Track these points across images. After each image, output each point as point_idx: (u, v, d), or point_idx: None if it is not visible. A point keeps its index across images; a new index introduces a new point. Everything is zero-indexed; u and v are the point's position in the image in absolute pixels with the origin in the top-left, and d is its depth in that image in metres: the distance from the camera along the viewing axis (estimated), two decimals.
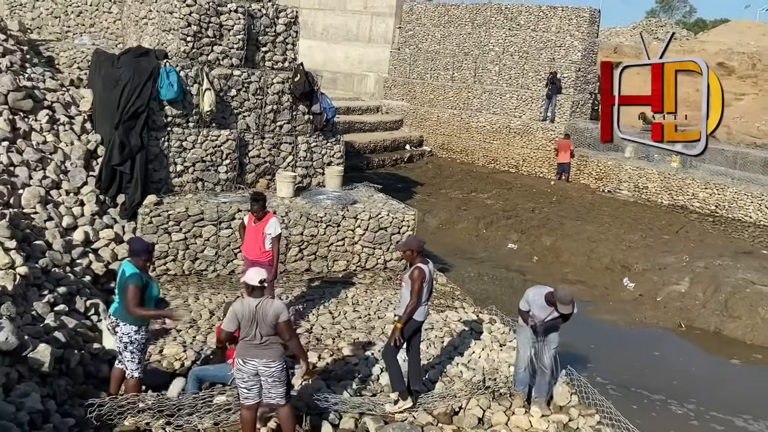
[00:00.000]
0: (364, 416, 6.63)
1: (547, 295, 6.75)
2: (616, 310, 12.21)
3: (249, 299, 5.55)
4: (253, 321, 5.46)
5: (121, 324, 6.11)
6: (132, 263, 6.08)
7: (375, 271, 11.68)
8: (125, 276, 6.02)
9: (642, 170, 19.99)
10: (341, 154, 13.10)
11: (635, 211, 18.03)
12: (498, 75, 23.70)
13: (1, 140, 9.71)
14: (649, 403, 8.92)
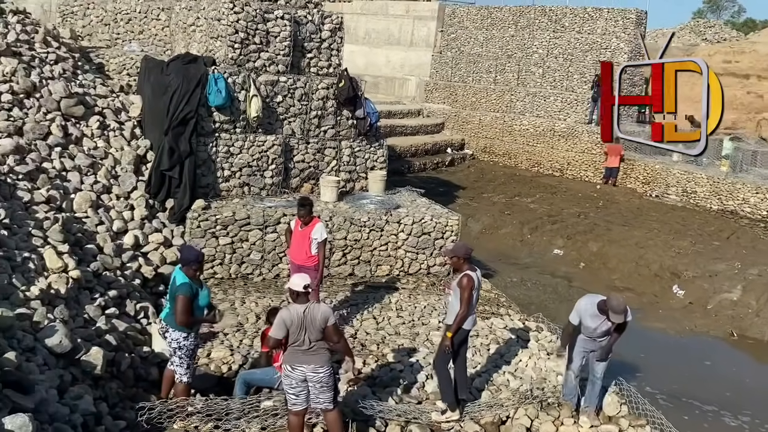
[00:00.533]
0: (410, 424, 6.59)
1: (599, 303, 6.61)
2: (666, 318, 11.93)
3: (296, 305, 5.56)
4: (301, 327, 5.47)
5: (171, 330, 6.19)
6: (183, 271, 6.15)
7: (418, 276, 11.64)
8: (176, 285, 6.09)
9: (690, 174, 19.52)
10: (384, 159, 13.12)
11: (684, 216, 17.61)
12: (542, 77, 23.46)
13: (54, 146, 9.96)
14: (700, 414, 8.68)
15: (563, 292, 12.87)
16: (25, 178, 9.03)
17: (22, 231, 7.87)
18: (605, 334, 6.70)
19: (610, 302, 6.50)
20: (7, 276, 6.72)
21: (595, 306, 6.62)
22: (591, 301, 6.72)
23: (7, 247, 7.24)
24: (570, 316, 6.90)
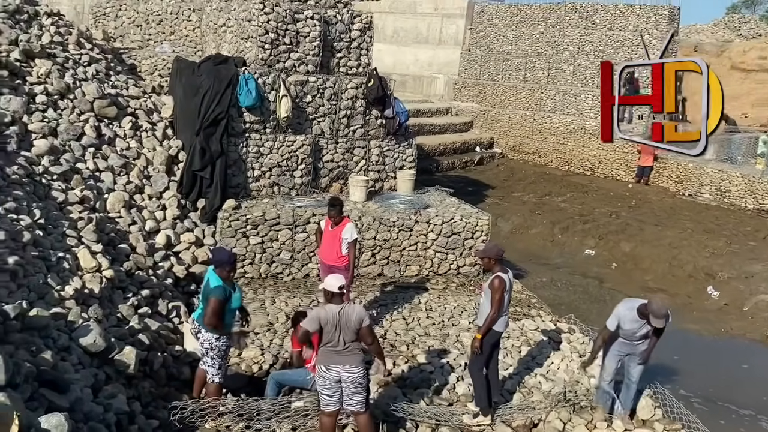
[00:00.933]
0: (440, 426, 6.54)
1: (640, 307, 6.48)
2: (700, 320, 11.71)
3: (331, 306, 5.55)
4: (337, 327, 5.46)
5: (203, 331, 6.22)
6: (217, 273, 6.17)
7: (448, 276, 11.58)
8: (209, 287, 6.11)
9: (725, 173, 19.14)
10: (413, 158, 13.07)
11: (718, 215, 17.28)
12: (572, 75, 23.20)
13: (87, 146, 10.09)
14: (737, 418, 8.50)
15: (595, 293, 12.71)
16: (60, 178, 9.16)
17: (56, 231, 7.98)
18: (644, 337, 6.58)
19: (651, 306, 6.38)
20: (42, 275, 6.81)
21: (635, 310, 6.49)
22: (630, 306, 6.59)
23: (42, 247, 7.35)
24: (607, 321, 6.75)
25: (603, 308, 12.08)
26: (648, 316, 6.39)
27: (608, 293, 12.70)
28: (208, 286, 6.14)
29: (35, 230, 7.49)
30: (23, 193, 8.11)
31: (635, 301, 6.69)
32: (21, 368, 4.69)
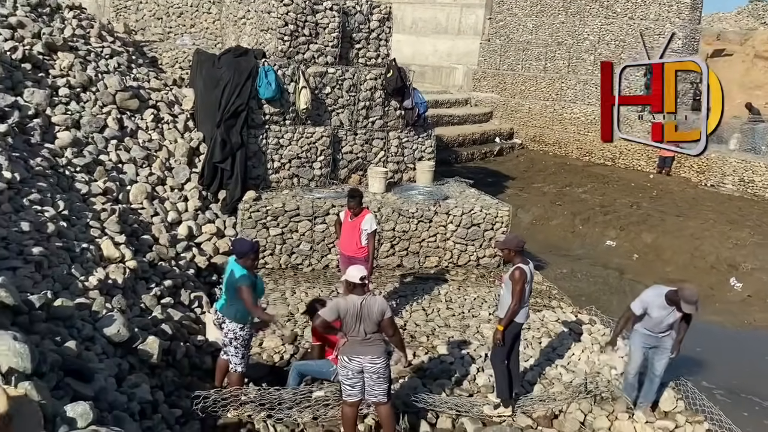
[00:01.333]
0: (461, 417, 6.55)
1: (669, 294, 6.42)
2: (723, 312, 11.59)
3: (352, 297, 5.56)
4: (358, 318, 5.48)
5: (227, 321, 6.28)
6: (239, 263, 6.22)
7: (467, 267, 11.55)
8: (235, 277, 6.16)
9: (748, 163, 18.88)
10: (432, 149, 13.03)
11: (741, 206, 17.06)
12: (593, 65, 22.92)
13: (110, 138, 10.18)
14: (761, 410, 8.40)
15: (615, 284, 12.62)
16: (83, 170, 9.26)
17: (80, 222, 8.08)
18: (669, 327, 6.53)
19: (683, 292, 6.32)
20: (66, 266, 6.90)
21: (663, 297, 6.44)
22: (659, 292, 6.53)
23: (66, 238, 7.44)
24: (632, 305, 6.67)
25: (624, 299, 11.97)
26: (677, 302, 6.33)
27: (629, 284, 12.61)
28: (233, 277, 6.18)
29: (59, 221, 7.58)
30: (47, 185, 8.21)
31: (662, 288, 6.63)
32: (46, 357, 4.75)
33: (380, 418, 5.95)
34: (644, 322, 6.64)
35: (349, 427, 5.85)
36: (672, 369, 7.36)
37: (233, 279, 6.17)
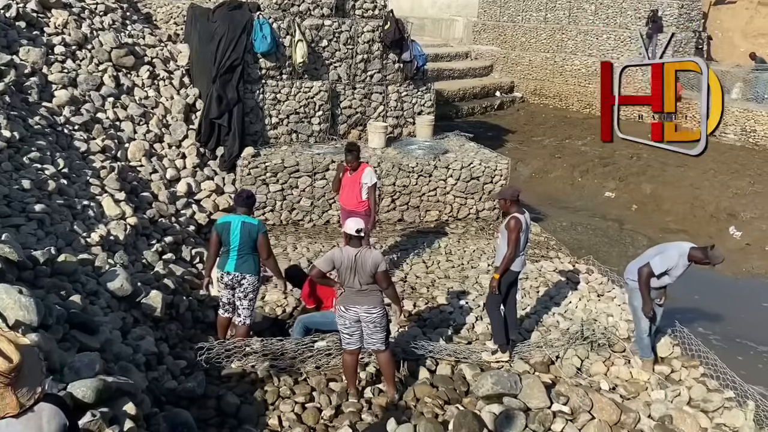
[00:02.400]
0: (460, 363, 6.69)
1: (692, 252, 6.40)
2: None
3: (348, 248, 5.64)
4: (352, 269, 5.56)
5: (248, 276, 6.34)
6: (246, 213, 6.29)
7: (467, 221, 11.62)
8: (254, 226, 6.24)
9: (750, 112, 18.73)
10: (432, 103, 12.97)
11: (742, 156, 17.01)
12: (594, 15, 22.60)
13: (107, 96, 10.15)
14: (755, 354, 8.55)
15: (614, 236, 12.71)
16: (81, 128, 9.27)
17: (80, 180, 8.13)
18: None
19: (714, 254, 6.33)
20: (68, 223, 6.97)
21: (686, 256, 6.46)
22: (681, 252, 6.47)
23: (67, 195, 7.50)
24: (653, 264, 6.48)
25: (623, 251, 12.11)
26: (698, 260, 6.37)
27: (628, 235, 12.70)
28: (248, 229, 6.22)
29: (59, 179, 7.63)
30: (46, 143, 8.23)
31: (683, 245, 6.57)
32: (52, 311, 4.85)
33: (380, 365, 6.08)
34: (657, 279, 6.58)
35: (350, 375, 5.99)
36: (669, 315, 7.47)
37: (252, 229, 6.23)
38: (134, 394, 4.55)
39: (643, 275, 6.50)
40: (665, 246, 6.85)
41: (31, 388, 2.57)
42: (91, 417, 3.87)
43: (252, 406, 5.75)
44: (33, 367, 2.60)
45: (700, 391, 6.33)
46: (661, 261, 6.49)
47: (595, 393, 5.77)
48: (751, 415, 5.85)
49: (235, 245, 6.29)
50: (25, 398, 2.54)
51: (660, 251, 6.68)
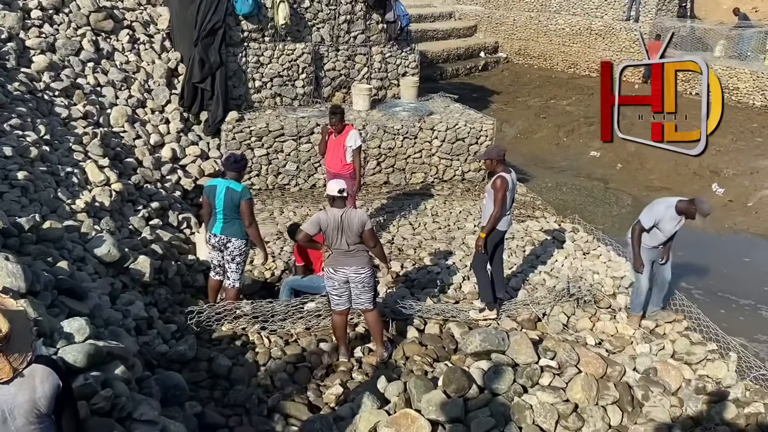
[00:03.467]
0: (448, 322, 6.77)
1: (679, 205, 6.47)
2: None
3: (333, 210, 5.64)
4: (339, 230, 5.58)
5: (233, 240, 6.34)
6: (233, 178, 6.26)
7: (453, 182, 11.65)
8: (237, 192, 6.19)
9: (732, 70, 18.74)
10: (416, 64, 12.88)
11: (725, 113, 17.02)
12: None
13: (87, 61, 9.99)
14: (737, 308, 8.70)
15: (599, 195, 12.80)
16: (62, 94, 9.13)
17: (62, 146, 8.03)
18: (672, 238, 6.67)
19: (701, 205, 6.39)
20: (52, 190, 6.91)
21: (674, 208, 6.52)
22: (668, 204, 6.56)
23: (49, 162, 7.42)
24: (642, 219, 6.61)
25: (608, 210, 12.23)
26: (687, 212, 6.42)
27: (613, 194, 12.80)
28: (232, 194, 6.19)
29: (41, 146, 7.54)
30: (26, 110, 8.11)
31: (671, 199, 6.65)
32: (40, 277, 4.83)
33: (368, 323, 6.14)
34: (651, 237, 6.66)
35: (340, 335, 6.05)
36: None
37: (234, 195, 6.19)
38: (125, 358, 4.57)
39: (635, 231, 6.65)
40: (655, 201, 6.93)
41: (23, 351, 2.58)
42: (84, 381, 3.89)
43: (243, 367, 5.80)
44: (23, 332, 2.61)
45: (684, 345, 6.45)
46: (648, 214, 6.61)
47: (582, 348, 5.86)
48: (733, 366, 5.99)
49: (219, 209, 6.29)
50: (17, 362, 2.56)
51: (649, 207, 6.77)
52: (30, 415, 2.61)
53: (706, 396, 5.45)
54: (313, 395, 5.49)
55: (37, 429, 2.66)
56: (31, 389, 2.60)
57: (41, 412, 2.64)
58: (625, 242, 7.19)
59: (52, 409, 2.71)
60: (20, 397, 2.57)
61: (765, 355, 6.78)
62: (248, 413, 5.23)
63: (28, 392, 2.59)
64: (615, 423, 5.19)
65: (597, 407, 5.22)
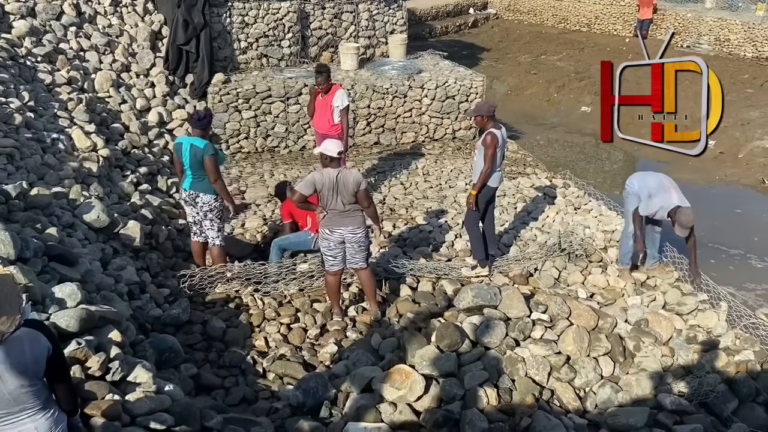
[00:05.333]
0: (440, 280, 6.79)
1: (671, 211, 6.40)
2: (696, 169, 11.80)
3: (328, 170, 5.60)
4: (334, 190, 5.55)
5: (201, 195, 6.31)
6: (198, 135, 6.20)
7: (444, 141, 11.58)
8: (200, 149, 6.12)
9: (724, 21, 18.64)
10: (404, 21, 12.70)
11: (716, 65, 16.91)
12: None
13: (68, 26, 9.79)
14: (727, 257, 8.76)
15: (591, 151, 12.75)
16: (44, 60, 8.97)
17: (47, 113, 7.91)
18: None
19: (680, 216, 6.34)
20: (39, 157, 6.83)
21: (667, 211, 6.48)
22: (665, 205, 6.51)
23: (35, 128, 7.31)
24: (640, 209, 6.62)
25: (600, 166, 12.21)
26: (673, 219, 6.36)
27: (604, 150, 12.76)
28: (196, 150, 6.13)
29: (26, 113, 7.42)
30: (9, 76, 7.96)
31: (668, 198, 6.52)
32: (29, 244, 4.81)
33: (361, 282, 6.16)
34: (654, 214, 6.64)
35: (333, 295, 6.07)
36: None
37: (197, 152, 6.13)
38: (119, 322, 4.58)
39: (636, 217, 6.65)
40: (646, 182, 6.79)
41: (10, 316, 2.56)
42: (77, 345, 3.90)
43: (238, 329, 5.83)
44: (9, 295, 2.58)
45: (675, 295, 6.50)
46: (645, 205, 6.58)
47: (573, 301, 5.90)
48: (724, 316, 6.05)
49: (187, 165, 6.28)
50: (5, 326, 2.54)
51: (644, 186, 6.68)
52: (21, 379, 2.61)
53: (697, 345, 5.52)
54: (307, 354, 5.54)
55: (29, 392, 2.67)
56: (20, 353, 2.59)
57: (32, 375, 2.65)
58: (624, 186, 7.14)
59: (44, 373, 2.71)
60: (10, 360, 2.57)
61: (753, 303, 6.84)
62: (244, 374, 5.28)
63: (17, 356, 2.59)
64: (607, 373, 5.25)
65: (589, 358, 5.28)
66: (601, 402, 4.97)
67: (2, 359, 2.55)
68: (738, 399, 5.03)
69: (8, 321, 2.54)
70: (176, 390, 4.21)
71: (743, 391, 5.04)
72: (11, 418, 2.68)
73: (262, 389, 5.08)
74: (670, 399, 4.88)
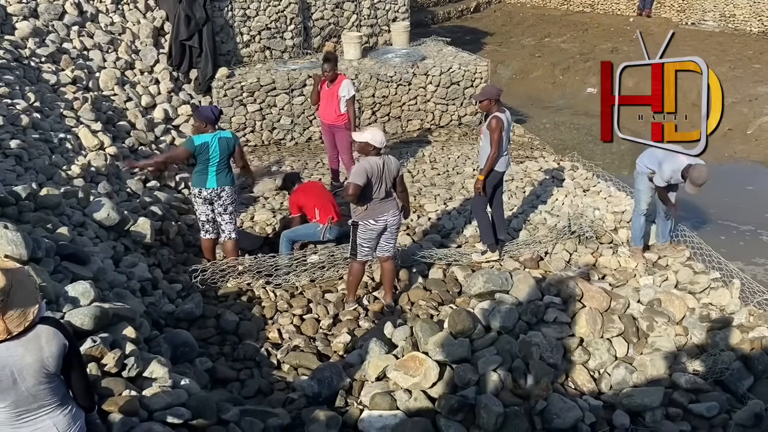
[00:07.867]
0: (451, 266, 6.79)
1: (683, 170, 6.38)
2: None
3: (373, 158, 5.57)
4: (381, 177, 5.59)
5: (227, 189, 6.33)
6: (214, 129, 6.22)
7: (450, 128, 11.55)
8: (231, 139, 6.25)
9: None
10: (406, 8, 12.63)
11: (722, 41, 16.83)
12: None
13: (71, 25, 9.79)
14: (737, 234, 8.72)
15: (598, 132, 12.57)
16: (48, 60, 8.98)
17: (54, 113, 7.94)
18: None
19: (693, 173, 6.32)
20: (47, 157, 6.86)
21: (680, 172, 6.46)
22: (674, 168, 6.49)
23: (42, 129, 7.34)
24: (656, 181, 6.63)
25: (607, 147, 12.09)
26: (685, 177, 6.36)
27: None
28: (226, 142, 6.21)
29: (32, 113, 7.44)
30: (14, 78, 7.98)
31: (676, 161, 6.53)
32: (41, 244, 4.83)
33: (384, 272, 6.10)
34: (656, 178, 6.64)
35: (355, 285, 6.08)
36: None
37: (229, 143, 6.22)
38: (132, 319, 4.61)
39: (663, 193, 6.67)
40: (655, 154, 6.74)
41: (23, 311, 2.58)
42: (92, 343, 3.93)
43: (251, 322, 5.85)
44: (23, 290, 2.60)
45: (687, 274, 6.49)
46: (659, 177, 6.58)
47: (585, 283, 5.89)
48: (737, 293, 6.03)
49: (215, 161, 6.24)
50: (15, 323, 2.56)
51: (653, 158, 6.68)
52: (39, 375, 2.63)
53: (711, 323, 5.50)
54: (321, 344, 5.55)
55: (47, 389, 2.70)
56: (38, 349, 2.62)
57: (49, 372, 2.67)
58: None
59: (60, 369, 2.73)
60: (28, 357, 2.60)
61: (763, 278, 6.82)
62: (258, 366, 5.31)
63: (35, 353, 2.61)
64: (621, 354, 5.25)
65: (602, 340, 5.28)
66: (616, 383, 4.97)
67: (21, 356, 2.58)
68: (753, 376, 5.02)
69: (19, 318, 2.56)
70: (192, 384, 4.23)
71: (758, 367, 5.02)
72: (30, 415, 2.71)
73: (277, 380, 5.11)
74: (685, 378, 4.88)
